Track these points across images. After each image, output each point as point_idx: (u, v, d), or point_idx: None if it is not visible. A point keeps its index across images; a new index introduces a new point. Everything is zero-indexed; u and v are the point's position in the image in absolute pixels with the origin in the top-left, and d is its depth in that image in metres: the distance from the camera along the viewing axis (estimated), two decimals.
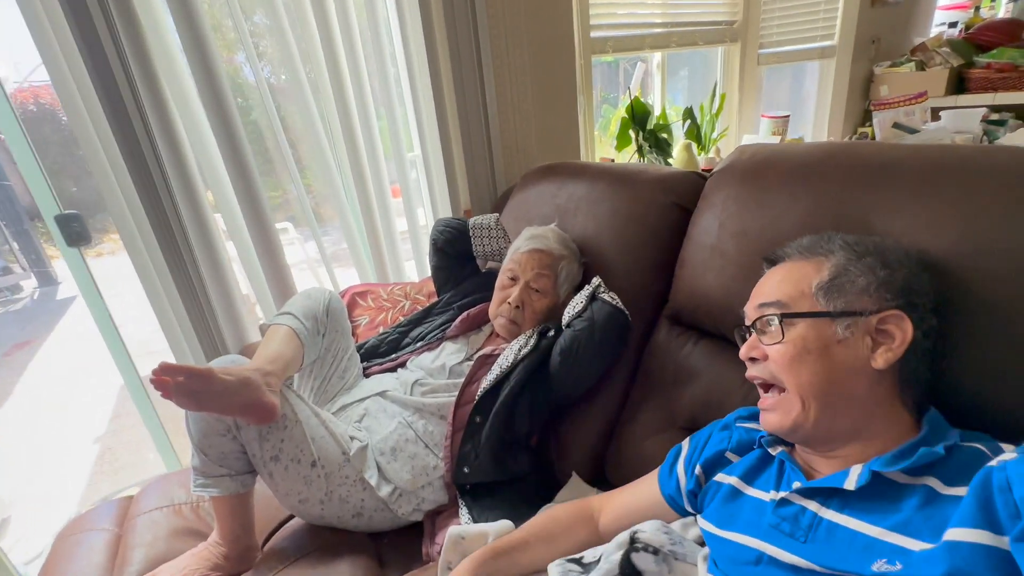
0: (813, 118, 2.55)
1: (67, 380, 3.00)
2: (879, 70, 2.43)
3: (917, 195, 0.64)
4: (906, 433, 0.53)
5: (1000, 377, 0.56)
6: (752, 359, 0.59)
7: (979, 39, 2.35)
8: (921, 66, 2.34)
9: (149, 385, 0.76)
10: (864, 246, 0.58)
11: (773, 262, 0.64)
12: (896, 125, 1.98)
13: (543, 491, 0.95)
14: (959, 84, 2.30)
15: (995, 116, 1.92)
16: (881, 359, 0.53)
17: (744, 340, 0.63)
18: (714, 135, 2.10)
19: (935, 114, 2.04)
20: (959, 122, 1.76)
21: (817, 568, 0.49)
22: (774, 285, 0.60)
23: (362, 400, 1.00)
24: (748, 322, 0.61)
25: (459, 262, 1.25)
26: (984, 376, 0.56)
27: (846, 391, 0.54)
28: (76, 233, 1.20)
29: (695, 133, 2.05)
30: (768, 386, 0.59)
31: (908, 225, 0.63)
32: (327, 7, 1.38)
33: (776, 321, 0.56)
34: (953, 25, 2.59)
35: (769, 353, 0.57)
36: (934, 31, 2.67)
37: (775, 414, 0.57)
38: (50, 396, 2.85)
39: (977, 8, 2.63)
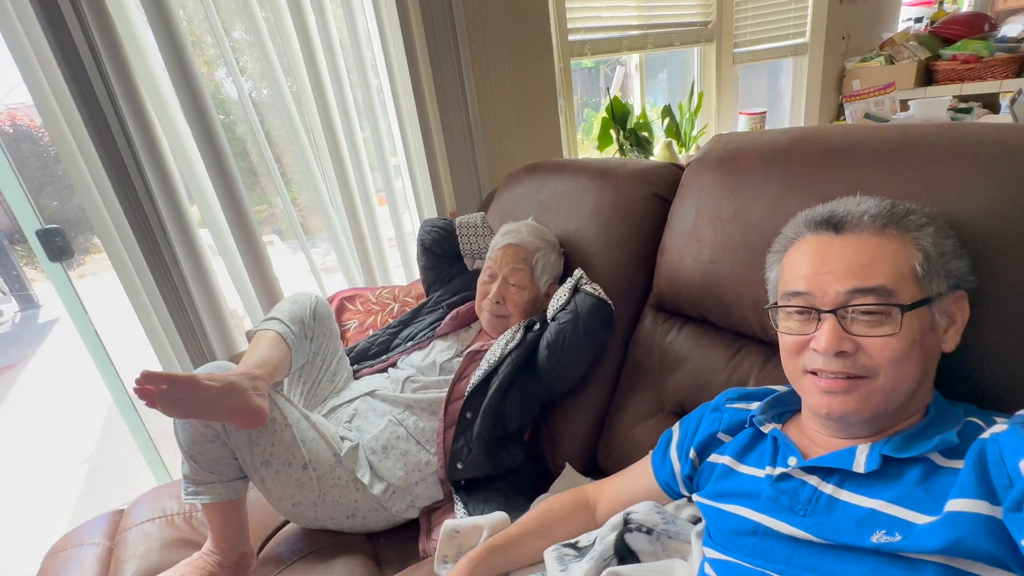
0: (789, 113, 2.61)
1: (52, 403, 2.95)
2: (850, 65, 2.50)
3: (880, 172, 0.66)
4: (916, 412, 0.53)
5: (972, 345, 0.56)
6: (840, 352, 0.50)
7: (944, 32, 2.43)
8: (890, 60, 2.41)
9: (138, 401, 0.76)
10: (941, 221, 0.53)
11: (836, 228, 0.54)
12: (867, 115, 2.03)
13: (537, 483, 0.96)
14: (927, 76, 2.37)
15: (962, 105, 1.98)
16: (952, 342, 0.52)
17: (777, 324, 0.57)
18: (694, 133, 2.15)
19: (904, 105, 2.10)
20: (927, 111, 1.81)
21: (816, 539, 0.50)
22: (863, 266, 0.51)
23: (351, 401, 1.00)
24: (828, 306, 0.51)
25: (447, 261, 1.26)
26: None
27: (927, 379, 0.52)
28: (59, 248, 1.19)
29: (675, 131, 2.09)
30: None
31: None
32: (307, 20, 1.40)
33: (893, 312, 0.49)
34: (919, 20, 2.68)
35: (868, 345, 0.49)
36: (901, 26, 2.75)
37: (852, 398, 0.50)
38: (35, 419, 2.81)
39: (941, 3, 2.72)
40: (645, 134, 1.99)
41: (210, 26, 1.36)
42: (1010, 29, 2.34)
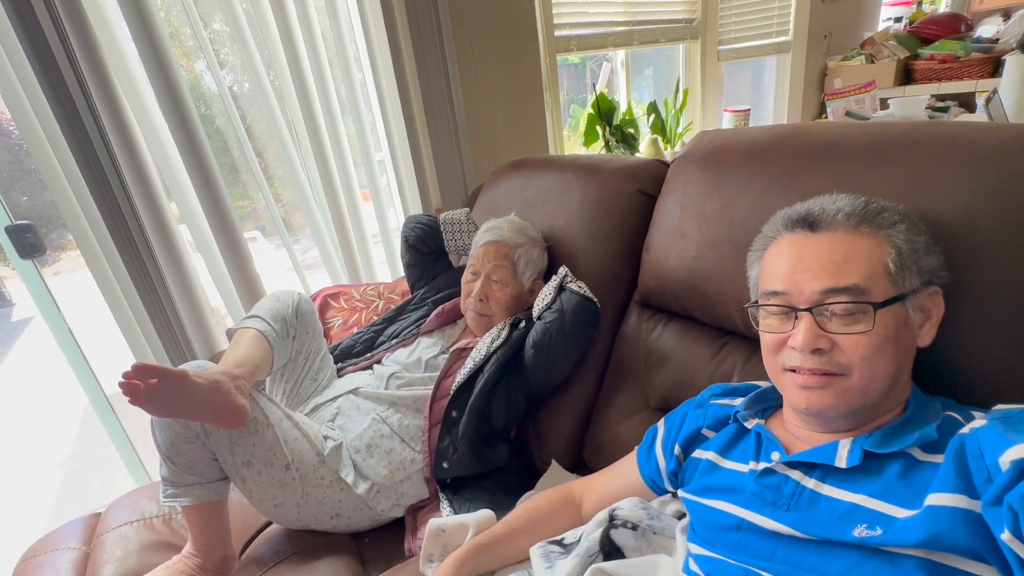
0: (773, 111, 2.64)
1: (26, 404, 2.87)
2: (832, 63, 2.54)
3: (862, 167, 0.67)
4: (895, 406, 0.53)
5: (948, 340, 0.57)
6: (816, 350, 0.51)
7: (922, 32, 2.47)
8: (870, 59, 2.45)
9: (116, 401, 0.74)
10: (914, 218, 0.54)
11: (812, 226, 0.55)
12: (848, 113, 2.06)
13: (523, 480, 0.96)
14: (906, 75, 2.41)
15: (939, 104, 2.02)
16: (927, 336, 0.53)
17: (757, 322, 0.58)
18: (679, 130, 2.16)
19: (884, 103, 2.13)
20: (906, 109, 1.84)
21: (798, 534, 0.50)
22: (837, 264, 0.51)
23: (334, 399, 0.99)
24: (804, 304, 0.52)
25: (431, 258, 1.25)
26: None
27: (903, 375, 0.52)
28: (29, 244, 1.15)
29: (660, 128, 2.10)
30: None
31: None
32: (288, 12, 1.37)
33: (866, 309, 0.50)
34: (898, 20, 2.73)
35: (843, 343, 0.50)
36: (881, 25, 2.80)
37: (828, 393, 0.51)
38: (9, 421, 2.73)
39: (920, 3, 2.77)
40: (631, 131, 2.00)
41: (188, 17, 1.32)
42: (985, 30, 2.40)
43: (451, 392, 0.95)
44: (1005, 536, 0.39)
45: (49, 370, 3.02)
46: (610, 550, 0.65)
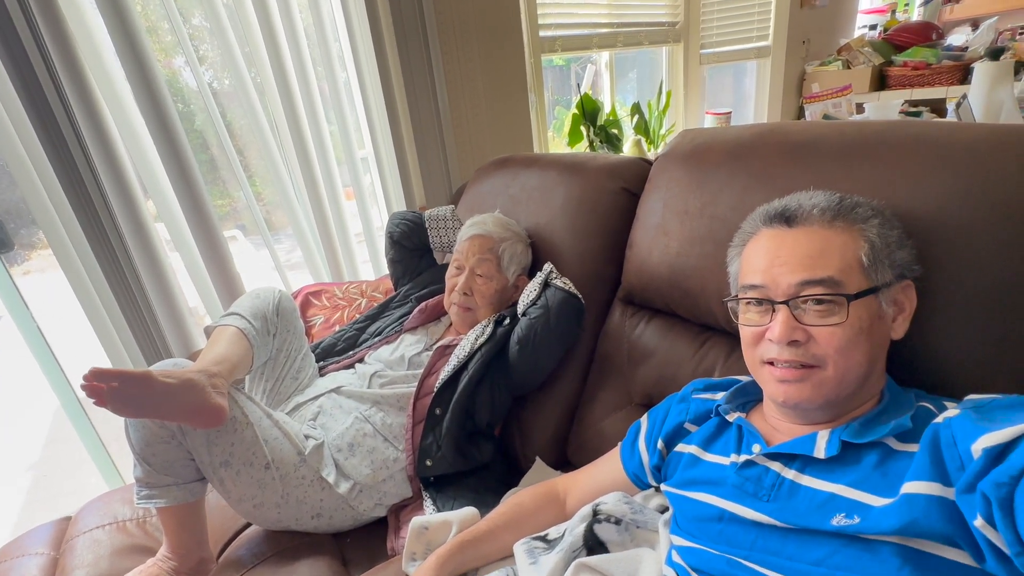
0: (753, 114, 2.69)
1: None
2: (810, 68, 2.60)
3: (839, 165, 0.69)
4: (871, 398, 0.55)
5: (921, 333, 0.59)
6: (792, 341, 0.52)
7: (896, 40, 2.55)
8: (847, 65, 2.51)
9: (87, 403, 0.72)
10: (887, 214, 0.56)
11: (789, 221, 0.56)
12: (826, 117, 2.11)
13: (507, 478, 0.95)
14: (881, 81, 2.48)
15: (912, 109, 2.08)
16: (900, 329, 0.54)
17: (736, 315, 0.59)
18: (662, 131, 2.18)
19: (859, 108, 2.19)
20: (880, 114, 1.90)
21: (779, 524, 0.51)
22: (813, 257, 0.53)
23: (316, 398, 0.98)
24: (780, 297, 0.53)
25: (416, 255, 1.24)
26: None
27: (877, 366, 0.54)
28: None
29: (644, 129, 2.12)
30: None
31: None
32: (269, 8, 1.35)
33: (840, 301, 0.51)
34: (873, 27, 2.80)
35: (818, 334, 0.51)
36: (857, 32, 2.87)
37: (805, 386, 0.52)
38: None
39: (893, 11, 2.85)
40: (615, 131, 2.02)
41: (166, 12, 1.30)
42: (955, 39, 2.48)
43: (435, 389, 0.94)
44: (978, 522, 0.40)
45: (17, 372, 2.92)
46: (594, 544, 0.65)
